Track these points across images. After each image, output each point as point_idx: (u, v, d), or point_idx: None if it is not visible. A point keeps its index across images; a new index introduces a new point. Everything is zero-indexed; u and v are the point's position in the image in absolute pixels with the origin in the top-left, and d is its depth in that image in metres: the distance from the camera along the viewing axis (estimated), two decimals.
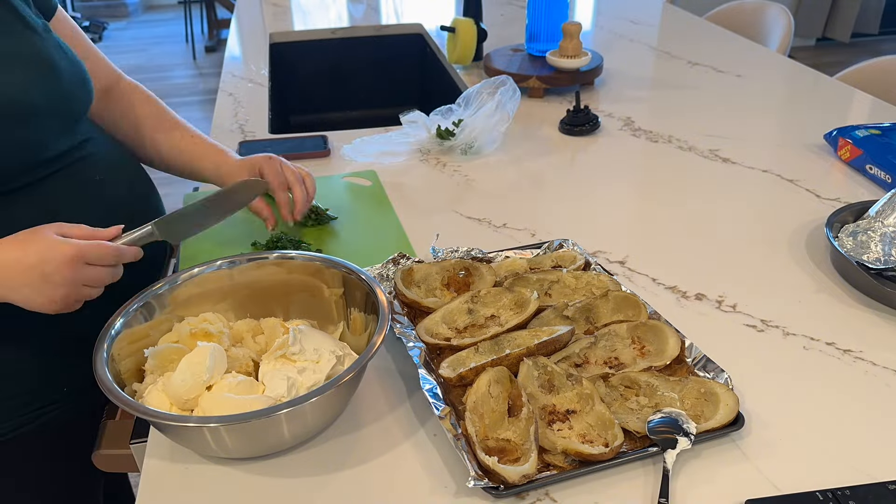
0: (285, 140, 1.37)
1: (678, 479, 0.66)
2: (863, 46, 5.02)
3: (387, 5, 2.35)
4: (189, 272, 0.81)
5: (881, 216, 0.97)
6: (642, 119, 1.46)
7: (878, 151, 1.19)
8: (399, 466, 0.69)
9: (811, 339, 0.84)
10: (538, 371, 0.75)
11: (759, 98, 1.57)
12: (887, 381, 0.78)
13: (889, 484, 0.64)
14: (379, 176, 1.23)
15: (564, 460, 0.67)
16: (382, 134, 1.38)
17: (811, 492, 0.64)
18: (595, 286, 0.90)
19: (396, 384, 0.79)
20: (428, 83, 2.10)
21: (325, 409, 0.70)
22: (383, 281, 0.91)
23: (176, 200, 1.11)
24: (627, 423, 0.70)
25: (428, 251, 0.98)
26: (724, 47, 1.90)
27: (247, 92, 1.62)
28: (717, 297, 0.92)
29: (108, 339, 0.72)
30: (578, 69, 1.56)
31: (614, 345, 0.81)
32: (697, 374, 0.76)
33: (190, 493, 0.67)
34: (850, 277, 0.93)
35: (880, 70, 1.69)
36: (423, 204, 1.16)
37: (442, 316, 0.85)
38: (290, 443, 0.70)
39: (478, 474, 0.63)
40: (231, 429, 0.64)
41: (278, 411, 0.63)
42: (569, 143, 1.37)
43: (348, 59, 2.10)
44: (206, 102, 4.38)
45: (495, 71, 1.61)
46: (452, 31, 1.71)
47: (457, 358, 0.78)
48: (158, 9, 6.72)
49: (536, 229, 1.07)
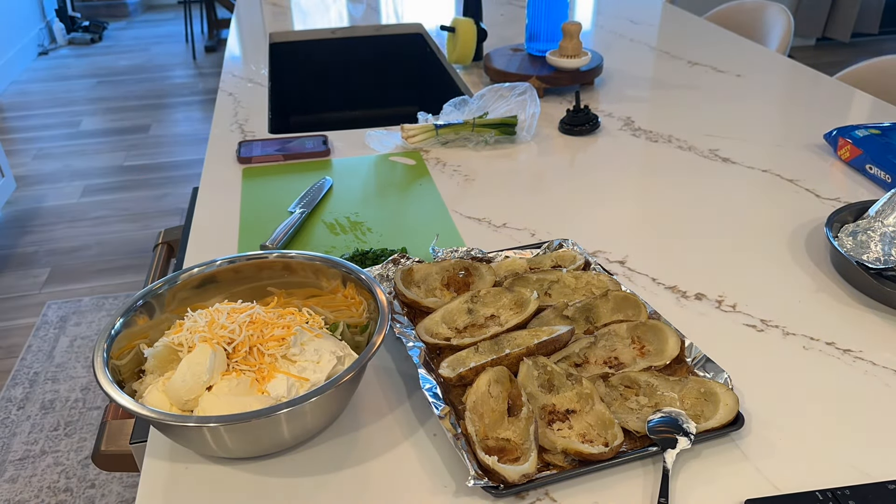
0: (285, 140, 1.37)
1: (678, 479, 0.66)
2: (863, 46, 5.02)
3: (387, 5, 2.35)
4: (189, 272, 0.81)
5: (881, 216, 0.97)
6: (642, 119, 1.46)
7: (877, 151, 1.19)
8: (399, 466, 0.69)
9: (811, 338, 0.84)
10: (538, 371, 0.75)
11: (758, 98, 1.57)
12: (887, 381, 0.78)
13: (889, 484, 0.64)
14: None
15: (564, 460, 0.67)
16: (380, 130, 1.38)
17: (811, 492, 0.64)
18: (595, 286, 0.90)
19: (396, 384, 0.79)
20: (428, 83, 2.10)
21: (325, 408, 0.70)
22: (383, 281, 0.91)
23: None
24: (627, 423, 0.70)
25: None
26: (724, 47, 1.90)
27: (247, 92, 1.63)
28: (717, 297, 0.92)
29: (108, 339, 0.72)
30: (578, 69, 1.56)
31: (614, 345, 0.81)
32: (697, 374, 0.76)
33: (190, 492, 0.67)
34: (850, 277, 0.94)
35: (880, 70, 1.69)
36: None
37: (442, 316, 0.85)
38: (290, 443, 0.70)
39: (478, 474, 0.63)
40: (231, 429, 0.64)
41: (278, 411, 0.63)
42: (569, 143, 1.37)
43: (348, 59, 2.10)
44: (206, 102, 4.39)
45: (495, 71, 1.61)
46: (452, 31, 1.71)
47: (456, 358, 0.78)
48: (158, 9, 6.73)
49: (536, 229, 1.07)
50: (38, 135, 3.92)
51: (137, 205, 3.09)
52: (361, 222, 1.10)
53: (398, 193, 1.19)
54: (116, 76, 4.86)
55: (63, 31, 5.54)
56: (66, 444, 1.97)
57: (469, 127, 1.33)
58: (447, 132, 1.33)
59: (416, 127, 1.34)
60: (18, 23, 5.06)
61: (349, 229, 1.08)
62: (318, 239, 1.06)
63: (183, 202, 3.05)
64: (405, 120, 1.38)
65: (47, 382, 2.19)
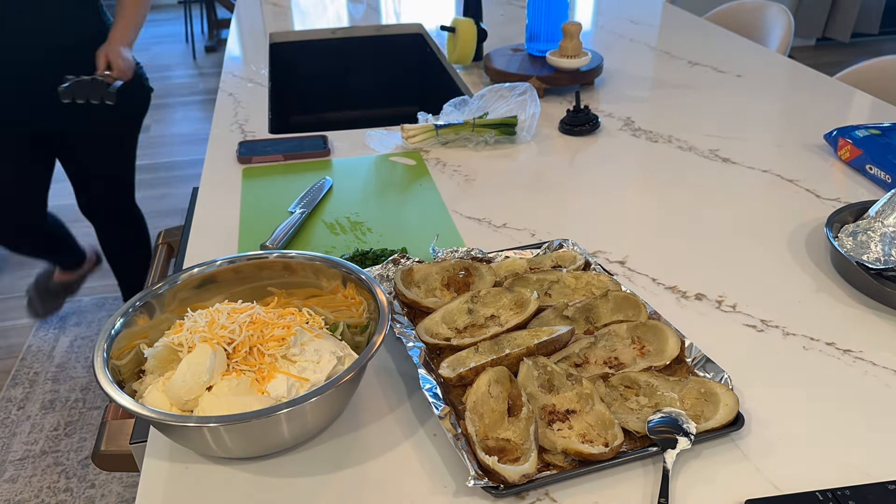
0: (285, 140, 1.37)
1: (678, 479, 0.66)
2: (863, 46, 5.02)
3: (387, 5, 2.35)
4: (189, 272, 0.81)
5: (881, 216, 0.97)
6: (642, 119, 1.46)
7: (878, 151, 1.19)
8: (399, 466, 0.69)
9: (811, 339, 0.84)
10: (538, 371, 0.75)
11: (759, 98, 1.57)
12: (887, 381, 0.78)
13: (889, 484, 0.64)
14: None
15: (564, 460, 0.67)
16: (379, 130, 1.38)
17: (811, 492, 0.64)
18: (595, 286, 0.90)
19: (396, 384, 0.79)
20: (428, 83, 2.10)
21: (325, 409, 0.70)
22: (383, 281, 0.91)
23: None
24: (627, 423, 0.70)
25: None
26: (724, 47, 1.90)
27: (247, 92, 1.63)
28: (717, 297, 0.92)
29: (108, 339, 0.72)
30: (578, 69, 1.56)
31: (614, 345, 0.81)
32: (697, 374, 0.76)
33: (190, 492, 0.67)
34: (850, 277, 0.93)
35: (880, 70, 1.69)
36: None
37: (442, 316, 0.85)
38: (290, 443, 0.70)
39: (478, 474, 0.63)
40: (231, 429, 0.64)
41: (278, 411, 0.63)
42: (569, 143, 1.37)
43: (348, 59, 2.10)
44: (206, 102, 4.39)
45: (495, 71, 1.61)
46: (452, 31, 1.71)
47: (456, 358, 0.78)
48: (158, 9, 6.72)
49: (536, 229, 1.07)
50: None
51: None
52: (361, 222, 1.10)
53: (398, 193, 1.19)
54: None
55: None
56: (66, 444, 1.97)
57: (469, 127, 1.33)
58: (447, 132, 1.33)
59: (417, 127, 1.34)
60: None
61: (349, 229, 1.08)
62: (318, 239, 1.06)
63: (183, 202, 3.04)
64: (405, 120, 1.38)
65: (47, 382, 2.19)
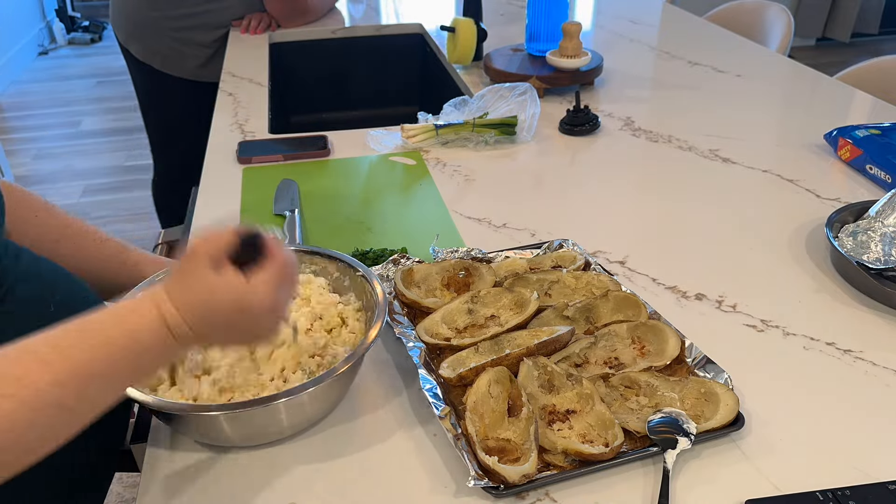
0: (285, 140, 1.37)
1: (678, 479, 0.66)
2: (863, 46, 5.02)
3: (387, 5, 2.35)
4: None
5: (881, 216, 0.97)
6: (642, 119, 1.46)
7: (878, 151, 1.19)
8: (399, 466, 0.69)
9: (811, 339, 0.84)
10: (538, 371, 0.75)
11: (758, 98, 1.57)
12: (887, 381, 0.78)
13: (889, 484, 0.64)
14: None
15: (564, 460, 0.67)
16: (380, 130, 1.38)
17: (811, 492, 0.64)
18: (595, 286, 0.90)
19: (396, 384, 0.79)
20: (428, 83, 2.10)
21: (322, 397, 0.71)
22: (383, 281, 0.91)
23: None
24: (627, 423, 0.70)
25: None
26: (724, 47, 1.90)
27: (247, 92, 1.62)
28: (717, 297, 0.92)
29: None
30: (578, 69, 1.56)
31: (614, 345, 0.81)
32: (697, 374, 0.76)
33: (190, 492, 0.67)
34: (850, 277, 0.93)
35: (880, 70, 1.69)
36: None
37: (442, 316, 0.85)
38: (287, 431, 0.71)
39: (478, 474, 0.63)
40: (230, 416, 0.66)
41: (275, 400, 0.65)
42: (569, 143, 1.37)
43: (348, 59, 2.10)
44: None
45: (495, 71, 1.61)
46: (452, 31, 1.71)
47: (457, 358, 0.78)
48: None
49: (536, 229, 1.07)
50: (38, 135, 3.91)
51: (138, 205, 3.09)
52: (361, 222, 1.10)
53: (398, 193, 1.19)
54: (116, 76, 4.85)
55: (63, 30, 5.53)
56: None
57: (469, 127, 1.33)
58: (447, 132, 1.33)
59: (417, 127, 1.34)
60: (18, 23, 5.06)
61: (349, 229, 1.08)
62: (318, 239, 1.06)
63: None
64: (405, 120, 1.37)
65: None
